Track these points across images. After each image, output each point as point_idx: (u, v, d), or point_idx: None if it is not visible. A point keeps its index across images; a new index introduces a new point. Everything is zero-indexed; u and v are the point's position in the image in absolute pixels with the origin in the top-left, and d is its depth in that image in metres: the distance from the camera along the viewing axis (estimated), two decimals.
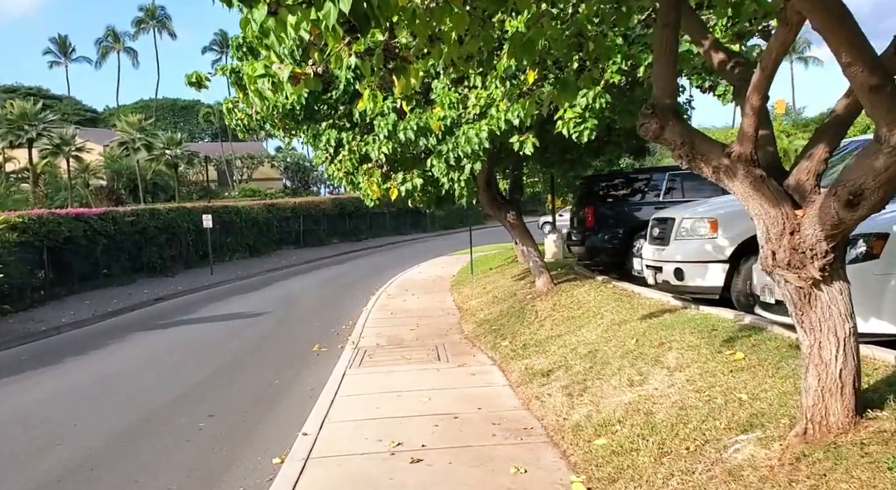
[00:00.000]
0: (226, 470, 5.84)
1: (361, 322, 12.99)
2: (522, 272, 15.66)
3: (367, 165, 9.60)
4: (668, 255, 7.11)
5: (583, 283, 10.90)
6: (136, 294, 19.96)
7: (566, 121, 8.22)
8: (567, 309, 9.56)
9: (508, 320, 10.48)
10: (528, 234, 11.27)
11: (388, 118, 8.83)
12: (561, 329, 8.64)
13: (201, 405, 7.92)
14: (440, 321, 12.57)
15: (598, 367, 6.49)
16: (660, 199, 11.28)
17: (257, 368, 9.84)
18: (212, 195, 47.97)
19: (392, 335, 11.27)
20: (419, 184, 9.28)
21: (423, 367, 8.50)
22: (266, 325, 13.88)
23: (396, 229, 43.56)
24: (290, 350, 11.14)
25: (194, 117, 78.32)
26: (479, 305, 13.19)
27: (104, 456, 6.43)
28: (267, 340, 12.25)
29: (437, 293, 17.08)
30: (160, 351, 11.67)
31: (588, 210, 11.39)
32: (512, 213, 11.01)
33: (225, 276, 24.68)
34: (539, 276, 11.07)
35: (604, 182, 11.82)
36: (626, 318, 7.68)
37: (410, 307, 14.68)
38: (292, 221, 34.36)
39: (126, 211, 22.59)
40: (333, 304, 16.73)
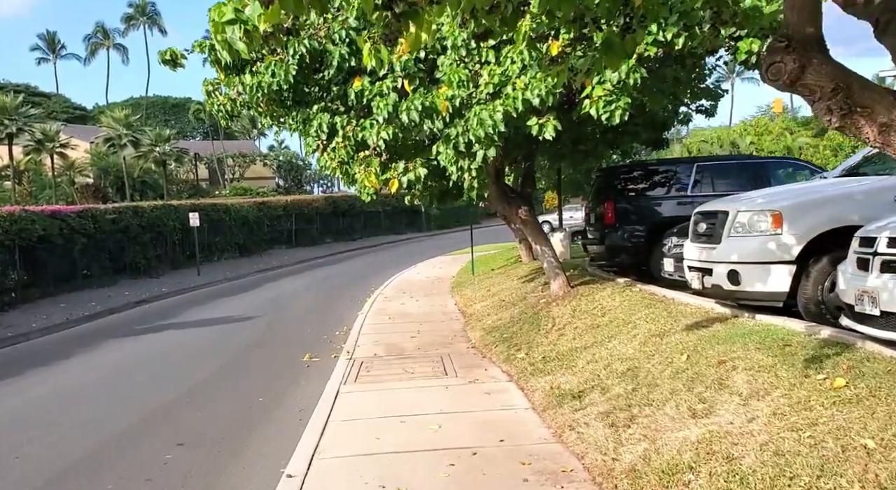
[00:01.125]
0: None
1: (357, 328, 11.88)
2: (530, 273, 14.56)
3: (363, 153, 8.49)
4: (721, 254, 6.03)
5: (603, 285, 9.81)
6: (117, 296, 18.77)
7: (594, 99, 7.14)
8: (589, 315, 8.46)
9: (521, 328, 9.38)
10: (542, 231, 10.18)
11: (387, 99, 7.72)
12: (586, 339, 7.54)
13: (170, 430, 6.78)
14: (443, 327, 11.46)
15: (645, 389, 5.40)
16: (687, 193, 10.20)
17: (240, 383, 8.71)
18: (202, 194, 46.72)
19: (391, 343, 10.16)
20: (423, 174, 8.19)
21: (429, 384, 7.39)
22: (253, 331, 12.76)
23: (391, 228, 42.42)
24: (278, 360, 10.02)
25: (185, 115, 76.89)
26: (485, 310, 12.09)
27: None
28: (253, 349, 11.12)
29: (438, 295, 15.97)
30: (134, 362, 10.52)
31: (607, 205, 10.30)
32: (524, 209, 9.92)
33: (213, 276, 23.52)
34: (554, 279, 9.98)
35: (624, 174, 10.73)
36: (667, 329, 6.58)
37: (409, 311, 13.57)
38: (284, 220, 33.18)
39: (107, 208, 21.38)
40: (326, 307, 15.61)
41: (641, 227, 10.24)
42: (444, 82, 7.66)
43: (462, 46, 7.57)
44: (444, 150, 7.69)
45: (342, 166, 8.89)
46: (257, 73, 8.59)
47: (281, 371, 9.26)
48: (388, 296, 16.26)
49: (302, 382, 8.55)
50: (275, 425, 6.75)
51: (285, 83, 8.24)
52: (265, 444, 6.21)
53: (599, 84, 7.03)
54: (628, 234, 10.31)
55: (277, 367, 9.50)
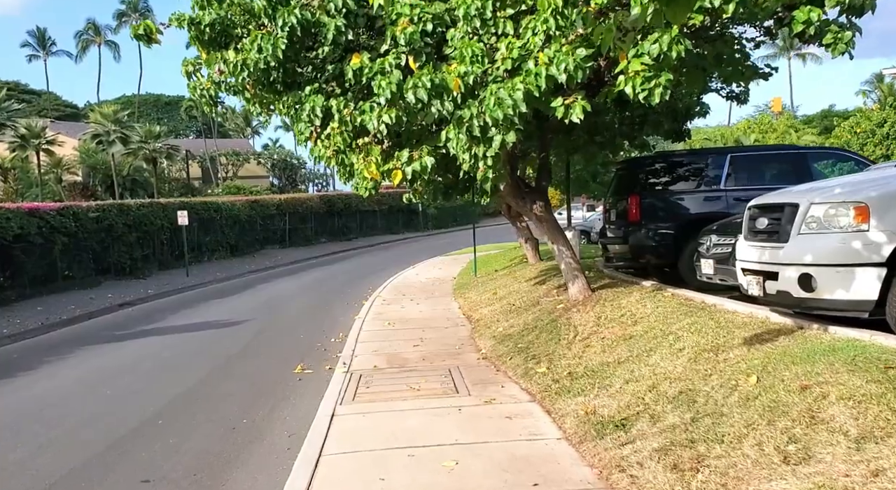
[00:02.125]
0: None
1: (354, 334, 10.88)
2: (539, 275, 13.58)
3: (362, 140, 7.49)
4: (789, 255, 5.04)
5: (627, 289, 8.84)
6: (99, 299, 17.72)
7: (630, 75, 6.13)
8: (618, 324, 7.48)
9: (538, 337, 8.40)
10: (560, 229, 9.19)
11: (390, 77, 6.71)
12: (619, 353, 6.55)
13: (134, 464, 5.76)
14: (448, 334, 10.47)
15: (708, 420, 4.41)
16: (719, 187, 9.24)
17: (222, 401, 7.70)
18: (195, 193, 45.59)
19: (392, 353, 9.16)
20: (430, 164, 7.18)
21: (438, 405, 6.39)
22: (241, 338, 11.75)
23: (388, 228, 41.42)
24: (267, 372, 9.02)
25: (178, 113, 75.74)
26: (493, 315, 11.10)
27: None
28: (240, 358, 10.11)
29: (440, 298, 14.99)
30: (105, 374, 9.49)
31: (631, 200, 9.32)
32: (539, 204, 8.93)
33: (202, 277, 22.50)
34: (573, 281, 8.99)
35: (650, 166, 9.74)
36: (720, 343, 5.60)
37: (410, 316, 12.58)
38: (277, 219, 32.13)
39: (90, 206, 20.30)
40: (321, 311, 14.61)
41: (669, 225, 9.26)
42: (456, 58, 6.65)
43: (476, 16, 6.57)
44: (454, 135, 6.69)
45: (338, 156, 7.87)
46: (242, 50, 7.58)
47: (269, 386, 8.26)
48: (387, 298, 15.27)
49: (292, 400, 7.55)
50: (258, 458, 5.74)
51: (273, 60, 7.22)
52: (245, 482, 5.20)
53: (636, 57, 6.03)
54: (655, 233, 9.32)
55: (265, 381, 8.50)
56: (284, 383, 8.33)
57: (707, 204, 9.20)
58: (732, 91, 9.96)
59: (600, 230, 11.13)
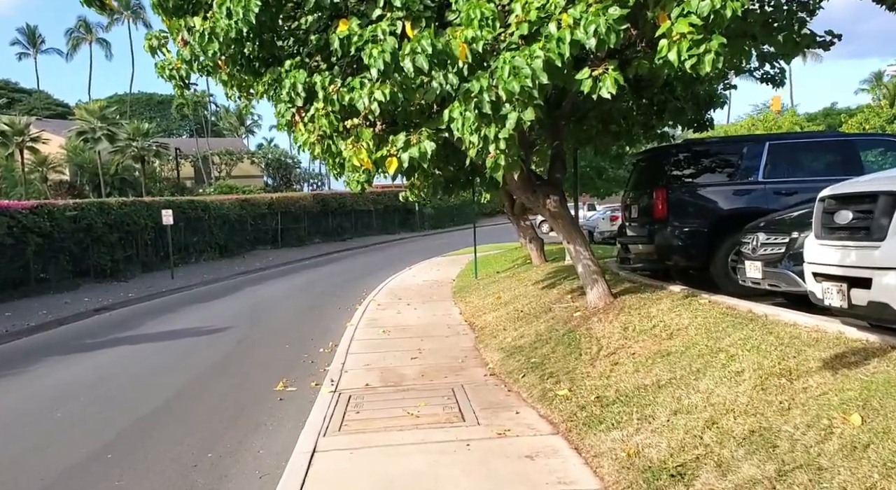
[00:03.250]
0: None
1: (344, 344, 9.79)
2: (547, 278, 12.51)
3: (352, 122, 6.39)
4: (890, 257, 3.97)
5: (655, 295, 7.77)
6: (75, 303, 16.58)
7: (674, 39, 5.08)
8: (650, 337, 6.41)
9: (554, 350, 7.32)
10: (578, 227, 8.11)
11: (383, 45, 5.62)
12: (657, 373, 5.47)
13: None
14: (450, 345, 9.39)
15: (802, 475, 3.34)
16: (757, 179, 8.16)
17: (188, 428, 6.60)
18: (187, 193, 44.39)
19: (386, 368, 8.08)
20: (430, 149, 6.09)
21: (443, 438, 5.30)
22: (222, 348, 10.66)
23: (383, 228, 40.31)
24: (244, 390, 7.93)
25: (172, 112, 74.41)
26: (498, 322, 10.02)
27: None
28: (217, 373, 9.02)
29: (438, 302, 13.91)
30: (62, 392, 8.38)
31: (657, 195, 8.24)
32: (553, 198, 7.85)
33: (188, 280, 21.39)
34: (592, 286, 7.92)
35: (677, 157, 8.64)
36: (792, 366, 4.53)
37: (407, 322, 11.50)
38: (269, 219, 30.99)
39: (66, 204, 19.13)
40: (310, 316, 13.52)
41: (701, 222, 8.18)
42: (461, 22, 5.57)
43: None
44: (460, 113, 5.61)
45: (324, 142, 6.77)
46: (210, 18, 6.48)
47: (245, 408, 7.16)
48: (382, 303, 14.18)
49: (269, 426, 6.46)
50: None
51: (246, 26, 6.11)
52: None
53: (682, 17, 4.97)
54: (684, 231, 8.24)
55: (241, 402, 7.40)
56: (263, 405, 7.23)
57: (742, 198, 8.14)
58: (767, 72, 8.89)
59: (618, 228, 10.06)
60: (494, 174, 5.77)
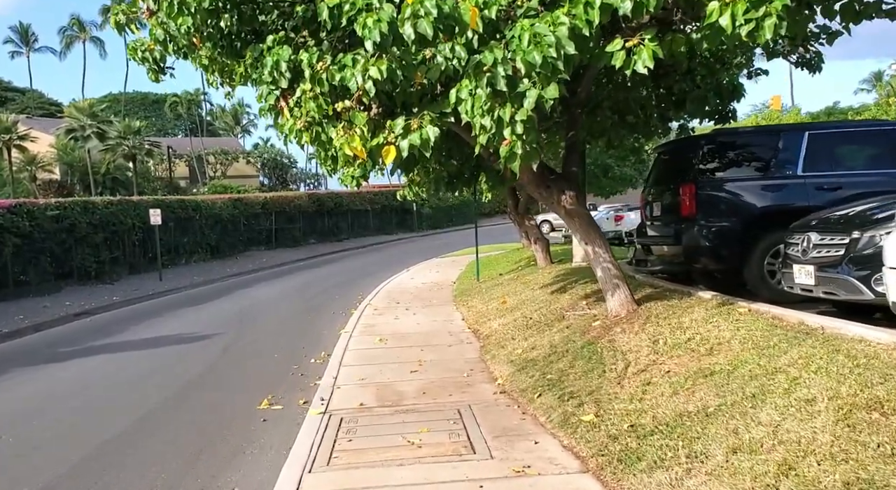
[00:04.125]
0: None
1: (338, 355, 8.96)
2: (556, 281, 11.69)
3: (343, 104, 5.56)
4: None
5: (684, 303, 6.94)
6: (55, 307, 15.73)
7: (726, 1, 4.27)
8: (686, 352, 5.58)
9: (572, 365, 6.48)
10: (595, 225, 7.27)
11: (380, 13, 4.79)
12: (702, 397, 4.64)
13: None
14: (453, 355, 8.56)
15: None
16: (796, 173, 7.33)
17: (155, 455, 5.75)
18: (180, 193, 43.49)
19: (383, 383, 7.24)
20: (433, 136, 5.25)
21: (450, 477, 4.46)
22: (205, 358, 9.82)
23: (381, 228, 39.45)
24: (224, 409, 7.09)
25: (167, 111, 73.45)
26: (506, 330, 9.19)
27: None
28: (195, 388, 8.17)
29: (439, 307, 13.07)
30: (19, 412, 7.52)
31: (685, 191, 7.40)
32: (569, 194, 7.02)
33: (177, 282, 20.55)
34: (613, 292, 7.08)
35: (707, 148, 7.78)
36: (880, 395, 3.71)
37: (405, 329, 10.66)
38: (263, 219, 30.12)
39: (48, 204, 18.25)
40: (303, 322, 12.68)
41: (733, 220, 7.35)
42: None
43: None
44: (469, 93, 4.77)
45: (312, 129, 5.92)
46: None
47: (222, 431, 6.32)
48: (379, 307, 13.35)
49: (248, 456, 5.62)
50: None
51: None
52: None
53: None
54: (714, 230, 7.40)
55: (219, 424, 6.56)
56: (243, 427, 6.39)
57: (779, 194, 7.32)
58: (803, 56, 8.07)
59: (637, 228, 9.24)
60: (510, 165, 4.93)
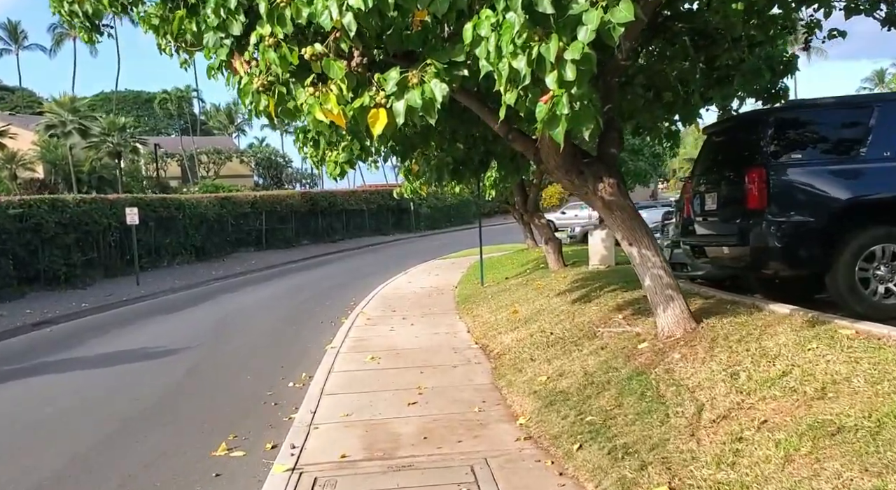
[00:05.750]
0: None
1: (321, 378, 7.43)
2: (573, 287, 10.16)
3: (313, 48, 4.00)
4: None
5: (758, 320, 5.43)
6: (13, 316, 14.18)
7: None
8: (783, 392, 4.06)
9: (619, 401, 4.96)
10: (642, 221, 5.74)
11: None
12: (839, 470, 3.13)
13: None
14: (459, 380, 7.04)
15: None
16: None
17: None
18: (170, 192, 41.91)
19: (373, 422, 5.72)
20: (441, 94, 3.73)
21: None
22: (166, 379, 8.33)
23: (377, 228, 37.86)
24: (171, 456, 5.56)
25: (161, 109, 71.71)
26: (522, 347, 7.66)
27: None
28: (144, 421, 6.65)
29: (440, 316, 11.56)
30: None
31: (752, 178, 5.84)
32: (609, 182, 5.50)
33: (156, 286, 19.01)
34: (665, 306, 5.56)
35: (777, 125, 6.21)
36: None
37: (402, 344, 9.15)
38: (252, 219, 28.54)
39: (9, 202, 16.68)
40: (286, 334, 11.18)
41: (816, 214, 5.82)
42: None
43: None
44: (492, 27, 3.26)
45: (273, 90, 4.40)
46: None
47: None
48: (372, 316, 11.82)
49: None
50: None
51: None
52: None
53: None
54: (792, 227, 5.86)
55: (157, 480, 5.03)
56: (188, 487, 4.86)
57: (875, 181, 5.80)
58: (891, 11, 6.56)
59: (682, 225, 7.74)
60: (551, 132, 3.40)
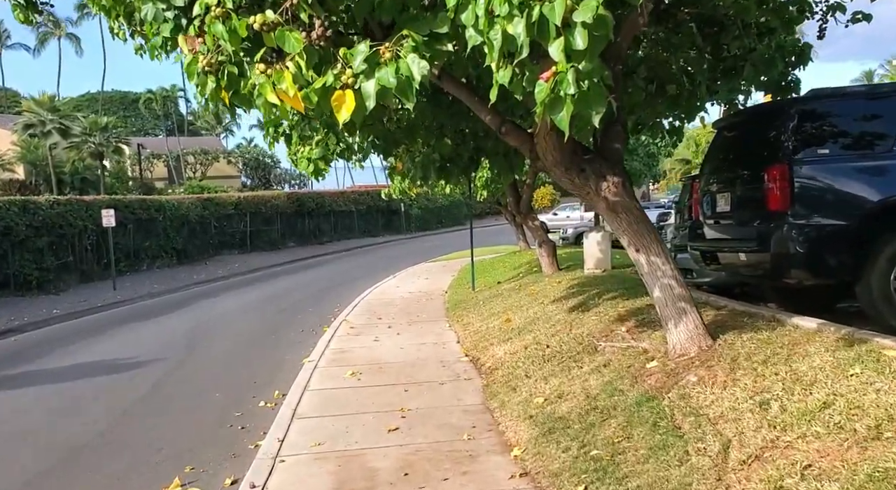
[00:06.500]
0: None
1: (293, 399, 6.75)
2: (569, 293, 9.51)
3: (265, 16, 3.31)
4: None
5: (783, 337, 4.79)
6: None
7: None
8: (826, 429, 3.43)
9: (627, 432, 4.30)
10: (650, 224, 5.09)
11: None
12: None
13: None
14: (447, 398, 6.37)
15: None
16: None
17: None
18: (155, 193, 41.00)
19: (348, 454, 5.04)
20: (420, 73, 3.06)
21: None
22: (127, 397, 7.66)
23: (366, 230, 37.13)
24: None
25: (148, 110, 70.51)
26: (515, 361, 7.00)
27: None
28: (96, 446, 5.97)
29: (428, 324, 10.90)
30: None
31: (773, 176, 5.19)
32: (613, 181, 4.84)
33: (133, 291, 18.31)
34: (677, 320, 4.92)
35: (798, 117, 5.52)
36: None
37: (386, 356, 8.48)
38: (236, 220, 27.78)
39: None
40: (264, 344, 10.50)
41: (846, 216, 5.19)
42: None
43: None
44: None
45: (223, 71, 3.72)
46: None
47: None
48: (356, 324, 11.13)
49: None
50: None
51: None
52: None
53: None
54: (819, 231, 5.22)
55: None
56: None
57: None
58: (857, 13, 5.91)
59: (690, 227, 7.10)
60: (554, 116, 2.74)
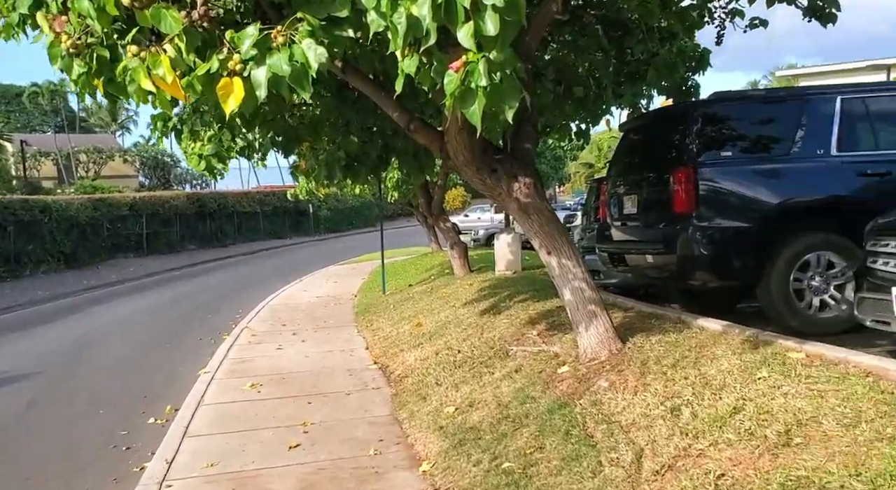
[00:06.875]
0: None
1: (186, 414, 6.23)
2: (480, 296, 9.38)
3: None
4: None
5: (690, 339, 4.79)
6: None
7: None
8: (738, 436, 3.37)
9: (539, 442, 4.14)
10: (560, 225, 4.96)
11: None
12: None
13: None
14: (353, 410, 6.05)
15: None
16: (829, 152, 5.32)
17: None
18: (42, 193, 38.21)
19: (242, 476, 4.65)
20: (317, 61, 2.73)
21: None
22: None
23: (273, 232, 35.97)
24: None
25: (34, 105, 65.63)
26: (426, 368, 6.76)
27: None
28: None
29: (336, 330, 10.52)
30: None
31: (679, 178, 5.19)
32: (525, 182, 4.67)
33: (12, 299, 16.92)
34: (588, 323, 4.82)
35: (703, 120, 5.54)
36: None
37: (289, 366, 8.06)
38: (131, 222, 26.22)
39: None
40: (157, 354, 9.81)
41: (748, 219, 5.25)
42: None
43: None
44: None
45: (90, 54, 3.26)
46: None
47: None
48: (258, 331, 10.60)
49: None
50: None
51: None
52: None
53: None
54: (723, 233, 5.26)
55: None
56: None
57: (810, 181, 5.31)
58: (817, 3, 6.12)
59: (598, 229, 7.09)
60: (465, 110, 2.51)
